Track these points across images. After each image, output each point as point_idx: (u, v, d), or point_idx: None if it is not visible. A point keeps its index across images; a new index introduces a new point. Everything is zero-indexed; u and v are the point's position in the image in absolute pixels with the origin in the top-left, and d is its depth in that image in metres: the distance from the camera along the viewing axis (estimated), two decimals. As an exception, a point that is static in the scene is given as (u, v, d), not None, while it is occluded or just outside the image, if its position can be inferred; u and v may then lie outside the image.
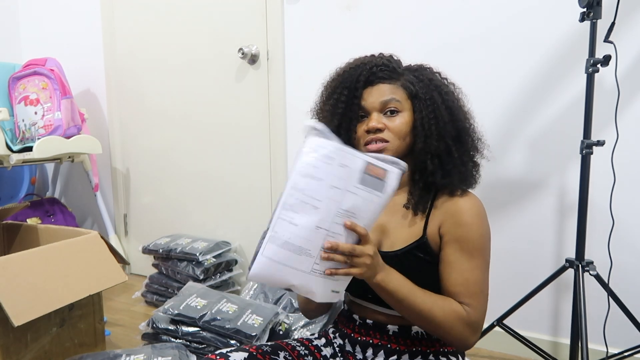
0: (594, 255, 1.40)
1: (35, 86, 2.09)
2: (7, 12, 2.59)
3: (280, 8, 1.85)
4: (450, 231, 0.84)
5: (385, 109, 0.87)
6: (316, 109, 0.98)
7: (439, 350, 0.90)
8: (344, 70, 0.92)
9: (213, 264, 1.91)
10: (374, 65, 0.89)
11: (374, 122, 0.85)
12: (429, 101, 0.87)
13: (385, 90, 0.87)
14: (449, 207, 0.86)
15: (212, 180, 2.15)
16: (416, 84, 0.88)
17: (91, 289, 1.31)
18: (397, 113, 0.87)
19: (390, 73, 0.88)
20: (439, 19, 1.57)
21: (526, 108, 1.48)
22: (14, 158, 1.97)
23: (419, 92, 0.87)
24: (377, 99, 0.87)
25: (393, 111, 0.87)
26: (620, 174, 1.36)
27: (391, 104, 0.86)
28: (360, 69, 0.89)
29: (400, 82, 0.88)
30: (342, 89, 0.89)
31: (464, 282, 0.82)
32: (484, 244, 0.84)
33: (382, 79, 0.88)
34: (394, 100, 0.86)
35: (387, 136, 0.86)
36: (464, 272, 0.82)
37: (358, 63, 0.91)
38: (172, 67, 2.19)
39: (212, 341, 1.42)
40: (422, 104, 0.87)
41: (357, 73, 0.89)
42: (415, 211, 0.88)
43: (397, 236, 0.88)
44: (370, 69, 0.88)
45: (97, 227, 2.57)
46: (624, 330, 1.38)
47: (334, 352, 0.95)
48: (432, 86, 0.89)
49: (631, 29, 1.33)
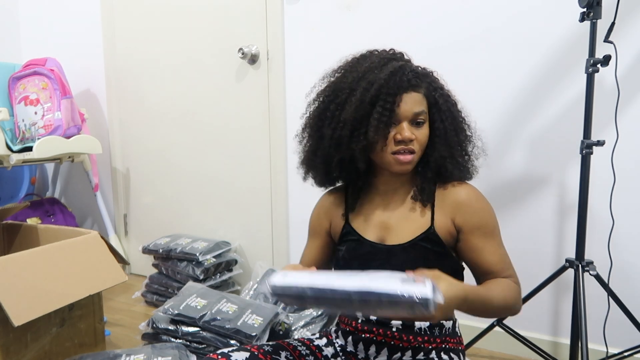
0: (594, 255, 1.40)
1: (35, 86, 2.09)
2: (7, 12, 2.59)
3: (280, 8, 1.85)
4: (468, 221, 0.88)
5: (415, 120, 0.87)
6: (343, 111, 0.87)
7: (440, 346, 0.90)
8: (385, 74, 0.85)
9: (213, 264, 1.91)
10: (410, 71, 0.87)
11: (407, 133, 0.86)
12: (447, 113, 0.90)
13: (418, 100, 0.87)
14: (455, 198, 0.90)
15: (212, 180, 2.15)
16: (434, 92, 0.90)
17: (91, 289, 1.31)
18: (423, 124, 0.88)
19: (417, 80, 0.88)
20: (439, 19, 1.57)
21: (526, 108, 1.48)
22: (14, 158, 1.97)
23: (439, 101, 0.89)
24: (411, 108, 0.86)
25: (420, 122, 0.88)
26: (620, 174, 1.36)
27: (421, 116, 0.88)
28: (399, 74, 0.86)
29: (423, 91, 0.89)
30: (386, 95, 0.84)
31: (499, 260, 0.88)
32: (495, 220, 0.91)
33: (414, 86, 0.87)
34: (423, 112, 0.88)
35: (415, 147, 0.88)
36: (495, 251, 0.88)
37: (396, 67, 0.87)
38: (172, 67, 2.19)
39: (212, 341, 1.42)
40: (442, 114, 0.89)
41: (396, 78, 0.85)
42: (424, 203, 0.91)
43: (402, 229, 0.90)
44: (407, 74, 0.86)
45: (97, 227, 2.57)
46: (624, 330, 1.38)
47: (335, 352, 0.95)
48: (445, 96, 0.91)
49: (631, 29, 1.33)
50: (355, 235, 0.94)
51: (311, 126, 0.94)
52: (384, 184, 0.95)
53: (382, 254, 0.90)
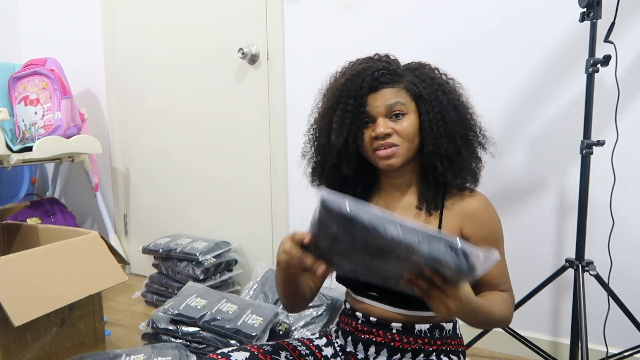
0: (594, 255, 1.40)
1: (35, 86, 2.09)
2: (7, 12, 2.59)
3: (280, 8, 1.85)
4: (476, 232, 0.88)
5: (391, 113, 0.86)
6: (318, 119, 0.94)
7: (441, 349, 0.90)
8: (345, 78, 0.88)
9: (213, 264, 1.91)
10: (375, 70, 0.87)
11: (381, 128, 0.85)
12: (434, 102, 0.86)
13: (389, 95, 0.86)
14: (465, 208, 0.88)
15: (212, 180, 2.15)
16: (419, 84, 0.88)
17: (91, 289, 1.31)
18: (403, 116, 0.86)
19: (392, 76, 0.87)
20: (439, 19, 1.57)
21: (526, 108, 1.48)
22: (14, 158, 1.97)
23: (423, 92, 0.87)
24: (382, 103, 0.86)
25: (399, 114, 0.86)
26: (620, 174, 1.36)
27: (396, 107, 0.86)
28: (363, 75, 0.87)
29: (402, 84, 0.87)
30: (347, 97, 0.87)
31: (500, 273, 0.89)
32: (502, 233, 0.91)
33: (384, 83, 0.86)
34: (399, 103, 0.86)
35: (396, 140, 0.85)
36: (498, 264, 0.88)
37: (359, 69, 0.88)
38: (172, 67, 2.19)
39: (212, 341, 1.42)
40: (427, 105, 0.86)
41: (359, 80, 0.87)
42: (429, 211, 0.89)
43: None
44: (372, 74, 0.86)
45: (97, 227, 2.57)
46: (624, 330, 1.38)
47: (335, 352, 0.95)
48: (435, 85, 0.88)
49: (631, 29, 1.33)
50: None
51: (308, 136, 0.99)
52: (388, 186, 0.95)
53: None
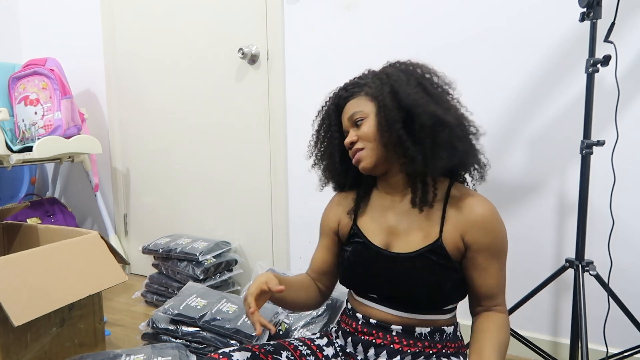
0: (594, 255, 1.40)
1: (35, 86, 2.09)
2: (7, 12, 2.59)
3: (280, 8, 1.85)
4: (478, 240, 0.87)
5: (355, 123, 0.92)
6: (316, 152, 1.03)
7: (441, 352, 0.90)
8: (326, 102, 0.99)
9: (213, 264, 1.91)
10: (340, 90, 0.96)
11: (347, 139, 0.92)
12: (380, 96, 0.89)
13: (350, 107, 0.93)
14: (469, 215, 0.87)
15: (212, 180, 2.15)
16: (374, 86, 0.91)
17: (91, 289, 1.31)
18: (363, 120, 0.91)
19: (353, 89, 0.94)
20: (439, 19, 1.57)
21: (526, 108, 1.48)
22: (14, 158, 1.97)
23: (375, 91, 0.90)
24: (346, 117, 0.94)
25: (358, 121, 0.91)
26: (620, 174, 1.36)
27: (356, 116, 0.91)
28: (332, 101, 0.97)
29: (363, 92, 0.92)
30: (328, 126, 0.98)
31: (497, 284, 0.89)
32: (506, 243, 0.90)
33: (347, 98, 0.94)
34: (357, 112, 0.91)
35: (359, 144, 0.91)
36: (496, 274, 0.89)
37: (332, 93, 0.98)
38: (172, 67, 2.19)
39: (212, 341, 1.42)
40: (379, 101, 0.89)
41: (330, 103, 0.97)
42: (424, 205, 0.88)
43: (409, 237, 0.89)
44: (338, 94, 0.96)
45: (97, 227, 2.57)
46: (624, 330, 1.38)
47: (336, 352, 0.95)
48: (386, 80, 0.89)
49: (631, 29, 1.33)
50: (362, 237, 0.94)
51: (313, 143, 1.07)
52: (385, 187, 0.95)
53: (387, 261, 0.89)
